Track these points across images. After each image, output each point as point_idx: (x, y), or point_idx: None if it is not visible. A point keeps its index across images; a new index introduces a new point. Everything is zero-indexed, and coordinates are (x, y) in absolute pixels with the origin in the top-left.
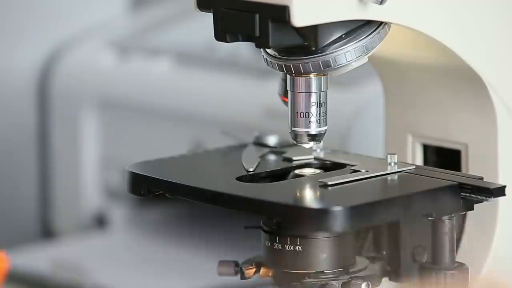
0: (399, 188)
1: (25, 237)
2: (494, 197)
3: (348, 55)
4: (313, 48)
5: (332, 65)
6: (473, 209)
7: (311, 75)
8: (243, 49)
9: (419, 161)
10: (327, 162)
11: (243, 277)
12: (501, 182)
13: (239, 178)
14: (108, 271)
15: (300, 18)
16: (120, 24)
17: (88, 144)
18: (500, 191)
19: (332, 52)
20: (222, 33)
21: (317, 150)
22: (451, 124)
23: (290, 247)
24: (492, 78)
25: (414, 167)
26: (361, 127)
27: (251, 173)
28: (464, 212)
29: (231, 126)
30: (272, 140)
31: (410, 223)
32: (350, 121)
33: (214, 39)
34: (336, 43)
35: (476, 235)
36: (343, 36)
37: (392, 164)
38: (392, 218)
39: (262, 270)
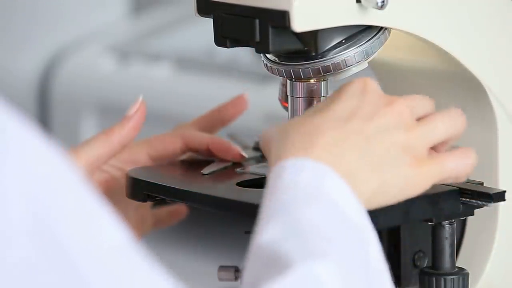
0: None
1: None
2: (494, 202)
3: (348, 60)
4: (313, 53)
5: (332, 70)
6: (473, 214)
7: (311, 80)
8: (243, 54)
9: None
10: None
11: None
12: (501, 187)
13: (239, 183)
14: None
15: (300, 23)
16: (120, 29)
17: None
18: (500, 196)
19: (332, 57)
20: (222, 38)
21: None
22: None
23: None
24: (492, 83)
25: None
26: None
27: (251, 178)
28: (464, 217)
29: (231, 131)
30: None
31: (410, 228)
32: None
33: (214, 44)
34: (336, 48)
35: (476, 240)
36: (343, 41)
37: None
38: (392, 223)
39: None
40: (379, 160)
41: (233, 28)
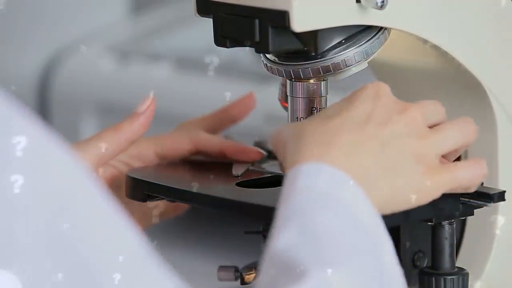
0: None
1: None
2: (494, 202)
3: (348, 60)
4: (313, 53)
5: (332, 70)
6: (473, 214)
7: (311, 80)
8: (243, 54)
9: None
10: None
11: (243, 282)
12: (501, 187)
13: (239, 183)
14: None
15: (299, 23)
16: (120, 29)
17: None
18: (499, 196)
19: (332, 57)
20: (222, 38)
21: None
22: None
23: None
24: (492, 83)
25: None
26: None
27: (252, 178)
28: (464, 217)
29: (231, 130)
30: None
31: (410, 228)
32: None
33: (214, 44)
34: (336, 48)
35: (476, 240)
36: (343, 41)
37: None
38: (392, 224)
39: None
40: (393, 167)
41: (233, 28)
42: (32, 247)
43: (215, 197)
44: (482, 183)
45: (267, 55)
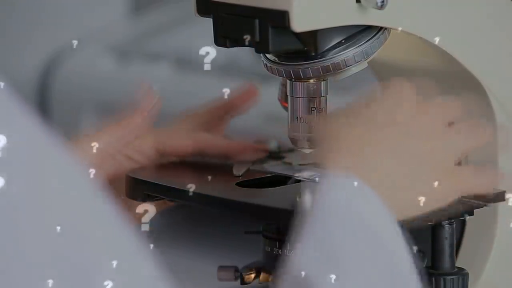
0: None
1: None
2: (494, 202)
3: (347, 60)
4: (313, 53)
5: (332, 70)
6: (472, 215)
7: (311, 80)
8: (243, 54)
9: None
10: None
11: (243, 282)
12: (501, 187)
13: (239, 183)
14: None
15: (299, 23)
16: (120, 29)
17: None
18: (499, 196)
19: (332, 57)
20: (222, 38)
21: None
22: None
23: (290, 253)
24: (492, 83)
25: None
26: None
27: (252, 178)
28: (464, 217)
29: (231, 130)
30: (272, 145)
31: (410, 228)
32: None
33: (214, 44)
34: (335, 48)
35: (476, 240)
36: (343, 41)
37: None
38: None
39: (262, 275)
40: (411, 173)
41: (233, 28)
42: (27, 249)
43: (215, 197)
44: None
45: (267, 55)
